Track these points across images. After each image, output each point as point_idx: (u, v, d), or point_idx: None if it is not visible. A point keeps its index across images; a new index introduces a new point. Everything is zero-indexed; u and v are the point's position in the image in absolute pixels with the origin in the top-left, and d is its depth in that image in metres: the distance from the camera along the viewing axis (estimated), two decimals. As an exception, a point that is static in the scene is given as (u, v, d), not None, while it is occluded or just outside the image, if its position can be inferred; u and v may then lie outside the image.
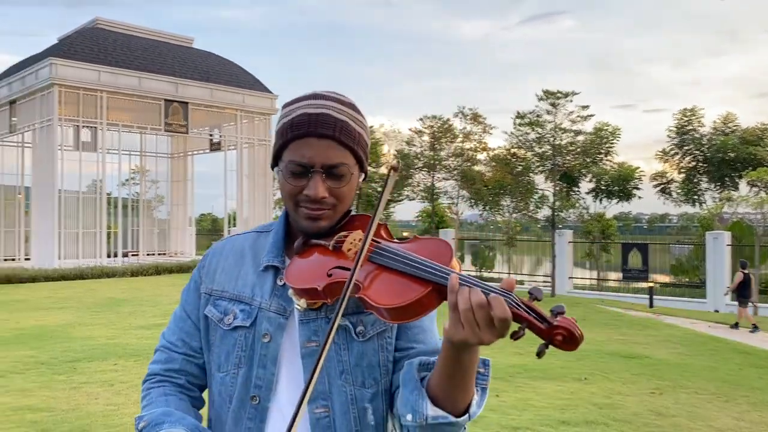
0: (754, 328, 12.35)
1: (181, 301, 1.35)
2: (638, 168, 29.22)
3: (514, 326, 0.98)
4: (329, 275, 1.15)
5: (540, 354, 0.97)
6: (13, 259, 22.57)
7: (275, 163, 1.27)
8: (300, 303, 1.18)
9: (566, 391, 6.58)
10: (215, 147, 25.54)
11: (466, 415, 1.09)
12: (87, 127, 20.43)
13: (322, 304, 1.19)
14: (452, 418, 1.08)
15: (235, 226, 24.77)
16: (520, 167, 22.33)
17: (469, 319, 0.98)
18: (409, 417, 1.10)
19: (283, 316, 1.22)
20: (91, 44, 21.15)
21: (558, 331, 0.96)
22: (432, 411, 1.08)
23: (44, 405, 5.59)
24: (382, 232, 1.21)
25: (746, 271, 13.32)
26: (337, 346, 1.20)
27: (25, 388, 6.16)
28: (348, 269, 1.13)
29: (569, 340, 0.95)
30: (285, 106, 1.26)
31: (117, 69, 20.71)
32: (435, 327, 1.30)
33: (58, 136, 19.75)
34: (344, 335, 1.20)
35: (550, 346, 0.97)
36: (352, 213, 1.29)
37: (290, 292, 1.20)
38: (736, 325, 12.62)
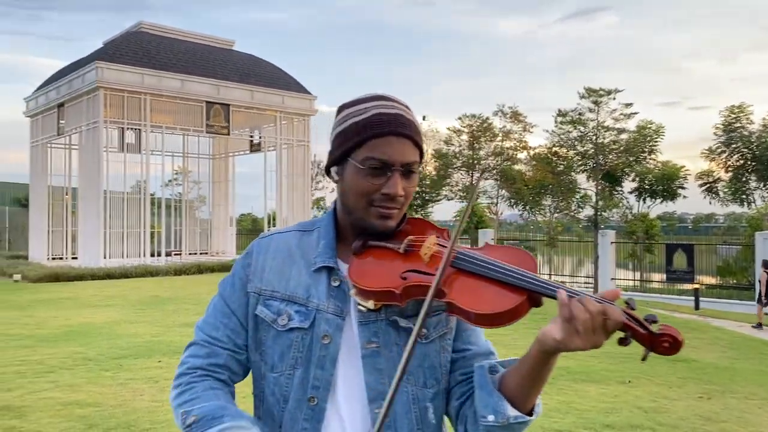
0: (758, 325, 12.53)
1: (222, 296, 1.34)
2: (683, 167, 28.57)
3: (619, 333, 1.06)
4: (403, 278, 1.19)
5: (645, 359, 1.05)
6: (61, 258, 23.18)
7: (339, 161, 1.28)
8: (367, 304, 1.20)
9: (610, 394, 6.45)
10: (255, 148, 25.83)
11: (534, 414, 1.18)
12: (131, 129, 20.88)
13: (381, 306, 1.21)
14: (528, 418, 1.16)
15: (274, 225, 25.00)
16: (562, 166, 22.06)
17: (588, 327, 1.03)
18: (491, 418, 1.16)
19: (340, 317, 1.24)
20: (135, 48, 21.61)
21: (664, 338, 1.03)
22: (512, 412, 1.15)
23: (92, 400, 5.72)
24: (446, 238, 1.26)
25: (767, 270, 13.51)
26: (399, 348, 1.22)
27: (74, 384, 6.31)
28: (424, 273, 1.18)
29: (674, 346, 1.03)
30: (347, 106, 1.29)
31: (160, 72, 21.12)
32: (483, 329, 1.35)
33: (103, 138, 20.22)
34: (407, 337, 1.21)
35: (651, 353, 1.04)
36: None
37: (353, 292, 1.22)
38: (759, 326, 12.61)
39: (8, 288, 15.80)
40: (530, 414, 1.17)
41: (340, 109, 1.31)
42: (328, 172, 1.33)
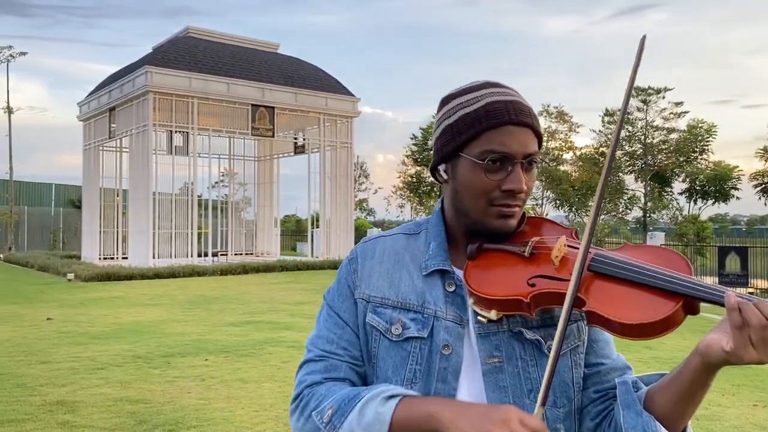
0: None
1: (331, 307, 1.22)
2: (736, 167, 27.60)
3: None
4: (531, 285, 1.06)
5: None
6: (112, 258, 23.80)
7: (449, 158, 1.16)
8: (489, 315, 1.08)
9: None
10: (299, 150, 26.08)
11: None
12: (179, 132, 21.33)
13: (502, 316, 1.09)
14: None
15: (317, 227, 25.19)
16: (616, 159, 21.69)
17: (764, 337, 0.90)
18: None
19: (460, 325, 1.13)
20: (183, 52, 22.07)
21: None
22: None
23: (141, 397, 5.85)
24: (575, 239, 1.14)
25: None
26: (524, 362, 1.11)
27: (124, 380, 6.46)
28: (556, 279, 1.05)
29: None
30: (454, 96, 1.18)
31: (207, 76, 21.51)
32: (613, 340, 1.22)
33: (152, 140, 20.70)
34: (533, 351, 1.11)
35: None
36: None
37: (471, 301, 1.11)
38: None
39: (62, 287, 16.31)
40: None
41: (447, 100, 1.19)
42: (434, 171, 1.21)
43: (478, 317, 1.10)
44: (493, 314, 1.08)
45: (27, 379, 6.47)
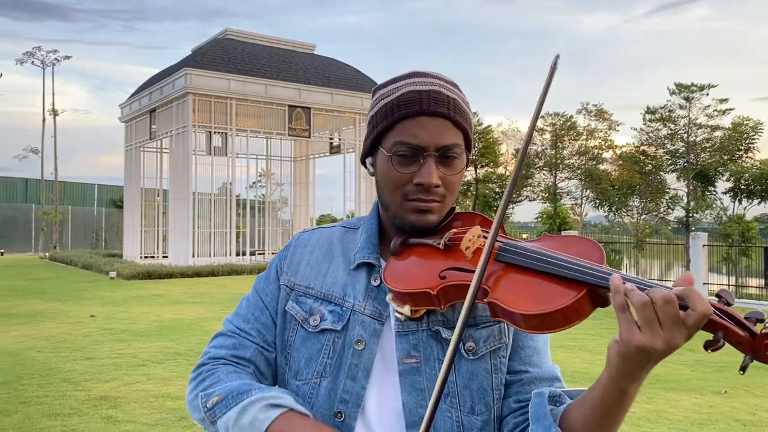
0: None
1: (256, 289, 1.20)
2: (784, 165, 26.80)
3: (706, 335, 0.84)
4: (442, 277, 1.01)
5: (744, 369, 0.82)
6: (153, 257, 24.24)
7: (370, 152, 1.13)
8: (403, 310, 1.03)
9: (704, 404, 6.12)
10: (335, 150, 26.21)
11: None
12: (218, 133, 21.63)
13: (424, 313, 1.05)
14: None
15: (354, 226, 25.27)
16: (650, 165, 21.19)
17: (651, 319, 0.81)
18: None
19: (378, 321, 1.07)
20: (221, 54, 22.36)
21: None
22: None
23: (181, 394, 5.93)
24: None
25: None
26: (441, 364, 1.00)
27: (165, 377, 6.57)
28: (465, 270, 0.99)
29: None
30: (379, 88, 1.14)
31: (245, 77, 21.76)
32: (548, 350, 1.15)
33: (192, 141, 21.03)
34: None
35: (755, 361, 0.81)
36: (456, 210, 1.15)
37: (389, 297, 1.06)
38: None
39: (105, 285, 16.69)
40: None
41: (374, 91, 1.15)
42: (364, 163, 1.18)
43: (395, 314, 1.05)
44: (407, 309, 1.03)
45: (72, 375, 6.63)
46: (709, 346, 0.82)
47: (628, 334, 0.83)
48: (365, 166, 1.18)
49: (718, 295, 0.85)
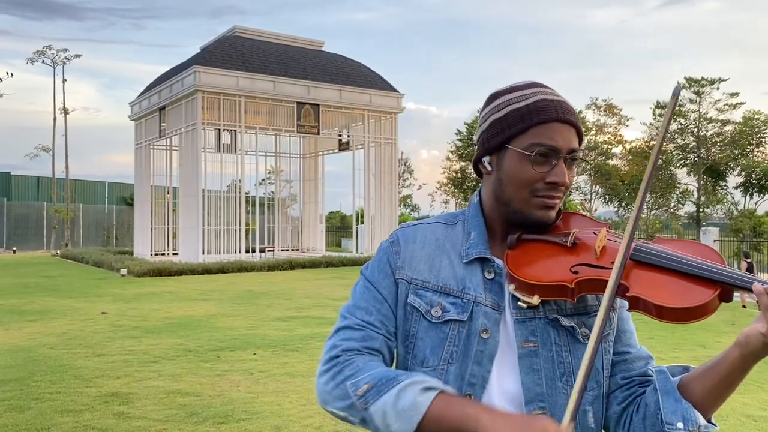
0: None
1: (371, 282, 1.26)
2: (796, 160, 26.56)
3: None
4: (574, 272, 1.13)
5: None
6: (163, 254, 24.39)
7: (495, 150, 1.23)
8: (531, 300, 1.14)
9: (716, 400, 6.08)
10: (344, 147, 26.24)
11: (715, 425, 1.12)
12: (227, 130, 21.69)
13: (540, 302, 1.16)
14: (716, 428, 1.12)
15: (362, 223, 25.31)
16: (660, 160, 21.09)
17: None
18: (680, 425, 1.10)
19: (497, 311, 1.18)
20: (230, 52, 22.42)
21: None
22: (703, 420, 1.10)
23: (192, 390, 5.97)
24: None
25: (749, 260, 14.50)
26: (558, 348, 1.18)
27: (175, 374, 6.61)
28: (599, 267, 1.12)
29: None
30: (503, 93, 1.25)
31: (254, 74, 21.81)
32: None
33: (201, 139, 21.12)
34: (567, 337, 1.18)
35: None
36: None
37: (512, 287, 1.17)
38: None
39: (116, 282, 16.79)
40: (712, 423, 1.12)
41: (496, 96, 1.26)
42: (477, 163, 1.28)
43: (519, 302, 1.16)
44: (535, 299, 1.14)
45: (84, 371, 6.68)
46: None
47: None
48: (476, 167, 1.28)
49: None
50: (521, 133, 1.18)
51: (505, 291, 1.19)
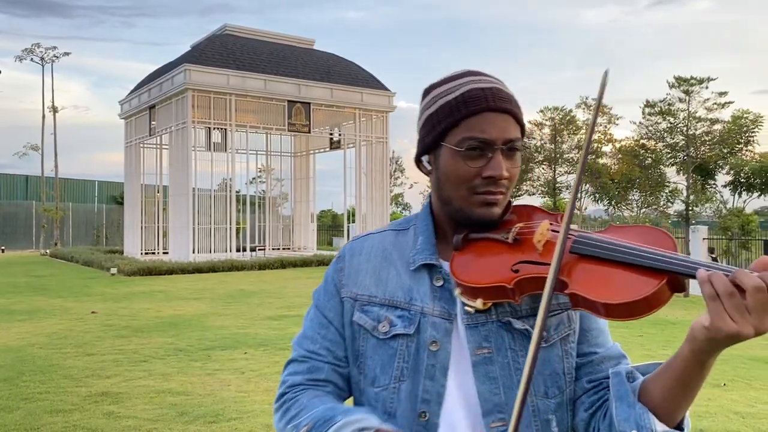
0: None
1: (316, 306, 1.22)
2: (784, 158, 26.78)
3: None
4: (515, 271, 1.05)
5: None
6: (153, 253, 24.28)
7: (431, 148, 1.15)
8: (475, 303, 1.07)
9: (703, 397, 6.14)
10: (335, 145, 26.20)
11: (685, 429, 1.03)
12: (218, 128, 21.63)
13: (491, 305, 1.09)
14: None
15: (354, 222, 25.30)
16: (650, 159, 21.21)
17: (737, 306, 0.86)
18: None
19: (448, 320, 1.11)
20: (220, 50, 22.34)
21: None
22: (659, 427, 1.00)
23: (182, 389, 5.96)
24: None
25: (713, 256, 14.57)
26: (514, 353, 1.09)
27: (165, 373, 6.60)
28: (539, 263, 1.03)
29: None
30: (433, 88, 1.17)
31: (244, 73, 21.74)
32: (608, 330, 1.20)
33: (191, 137, 21.04)
34: (522, 341, 1.09)
35: None
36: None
37: (457, 291, 1.10)
38: None
39: (106, 281, 16.72)
40: (679, 429, 1.02)
41: (428, 90, 1.18)
42: (418, 162, 1.20)
43: (466, 307, 1.09)
44: (479, 303, 1.06)
45: (73, 371, 6.66)
46: None
47: (720, 322, 0.88)
48: (419, 167, 1.21)
49: None
50: (452, 127, 1.10)
51: (456, 297, 1.11)
